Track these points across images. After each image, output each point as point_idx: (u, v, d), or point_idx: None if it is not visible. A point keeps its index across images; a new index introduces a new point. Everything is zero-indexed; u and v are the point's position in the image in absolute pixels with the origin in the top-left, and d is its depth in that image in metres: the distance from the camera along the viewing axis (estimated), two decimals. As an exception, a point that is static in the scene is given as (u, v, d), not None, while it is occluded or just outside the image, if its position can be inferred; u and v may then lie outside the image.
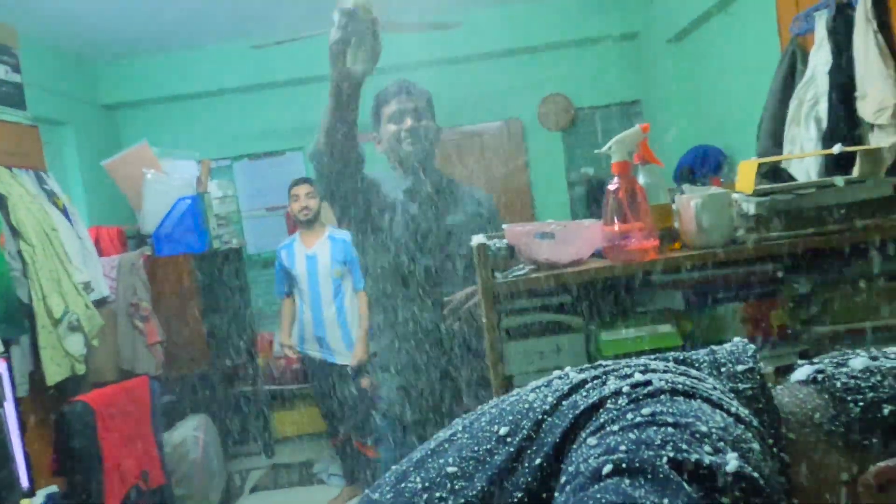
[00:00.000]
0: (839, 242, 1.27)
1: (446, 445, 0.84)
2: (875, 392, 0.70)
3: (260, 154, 5.30)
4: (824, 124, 2.02)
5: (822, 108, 2.03)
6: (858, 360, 0.75)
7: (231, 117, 5.14)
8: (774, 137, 2.25)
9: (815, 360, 0.79)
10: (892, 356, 0.74)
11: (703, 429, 0.61)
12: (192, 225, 3.60)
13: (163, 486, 2.91)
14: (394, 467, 0.86)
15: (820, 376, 0.75)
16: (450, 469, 0.76)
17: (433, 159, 1.98)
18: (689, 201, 1.29)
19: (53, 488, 2.45)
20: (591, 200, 5.37)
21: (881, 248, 1.24)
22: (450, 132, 5.34)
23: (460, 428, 0.85)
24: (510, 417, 0.76)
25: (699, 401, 0.66)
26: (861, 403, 0.70)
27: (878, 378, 0.71)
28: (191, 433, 3.31)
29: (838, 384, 0.73)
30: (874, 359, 0.74)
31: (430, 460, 0.84)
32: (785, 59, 2.29)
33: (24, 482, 2.29)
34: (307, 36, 4.28)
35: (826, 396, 0.73)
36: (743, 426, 0.65)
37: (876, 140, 1.86)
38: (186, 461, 3.22)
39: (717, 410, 0.66)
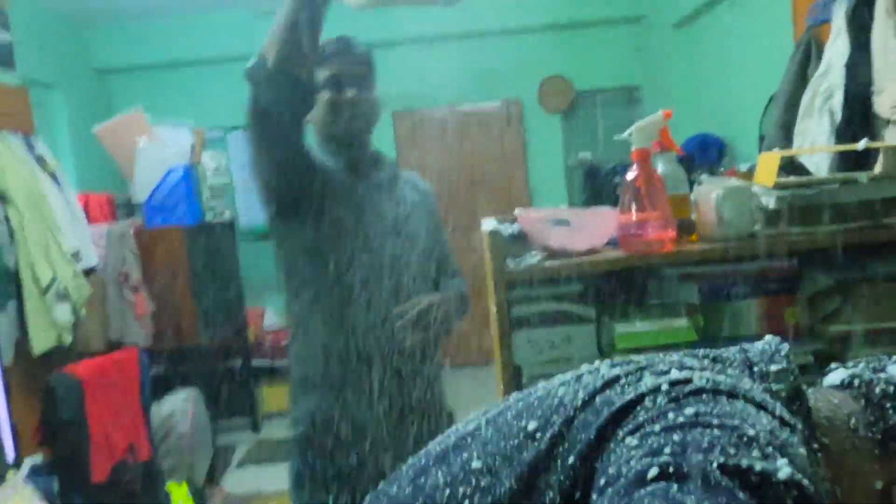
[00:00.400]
0: (860, 240, 1.24)
1: (469, 440, 0.80)
2: None
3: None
4: (838, 117, 1.99)
5: (837, 101, 1.99)
6: (894, 367, 0.73)
7: (228, 87, 4.99)
8: (785, 129, 2.21)
9: (850, 364, 0.77)
10: None
11: (751, 432, 0.58)
12: (185, 196, 3.54)
13: (149, 459, 2.88)
14: (410, 461, 0.83)
15: (857, 381, 0.73)
16: (474, 464, 0.72)
17: (370, 137, 1.66)
18: (710, 192, 1.25)
19: (38, 458, 2.41)
20: (588, 185, 5.33)
21: (904, 247, 1.22)
22: (448, 110, 5.28)
23: (483, 422, 0.80)
24: (539, 412, 0.72)
25: (742, 401, 0.63)
26: None
27: None
28: (179, 406, 3.28)
29: (877, 390, 0.71)
30: None
31: (452, 454, 0.79)
32: (799, 50, 2.24)
33: (10, 453, 2.25)
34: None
35: (863, 402, 0.71)
36: (788, 429, 0.62)
37: (891, 136, 1.83)
38: (174, 434, 3.19)
39: (762, 412, 0.63)
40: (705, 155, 4.13)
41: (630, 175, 1.26)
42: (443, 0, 3.83)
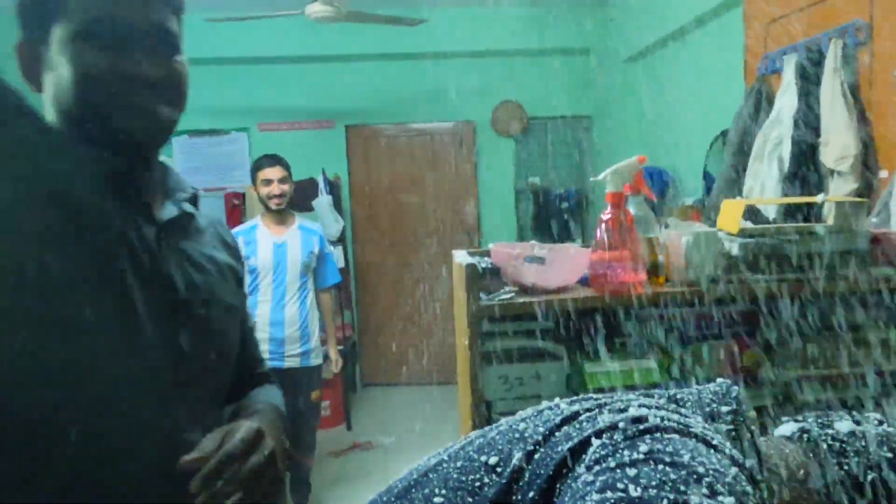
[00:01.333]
0: (816, 289, 1.30)
1: (431, 475, 0.82)
2: (859, 457, 0.72)
3: (202, 131, 5.08)
4: (786, 165, 2.09)
5: (786, 149, 2.10)
6: (844, 424, 0.77)
7: (175, 90, 4.89)
8: (736, 170, 2.31)
9: (800, 417, 0.81)
10: (874, 422, 0.76)
11: (701, 470, 0.61)
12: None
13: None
14: (373, 497, 0.83)
15: (805, 435, 0.77)
16: (436, 500, 0.73)
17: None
18: (680, 237, 1.29)
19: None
20: (537, 209, 5.43)
21: (857, 298, 1.28)
22: (402, 127, 5.28)
23: (445, 457, 0.82)
24: (500, 447, 0.74)
25: (695, 440, 0.66)
26: (846, 467, 0.72)
27: (863, 443, 0.73)
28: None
29: (824, 445, 0.75)
30: (858, 423, 0.77)
31: (414, 490, 0.81)
32: (751, 96, 2.35)
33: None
34: (263, 16, 4.11)
35: (811, 456, 0.75)
36: (737, 468, 0.65)
37: (835, 186, 1.94)
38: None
39: (713, 451, 0.65)
40: (651, 188, 4.27)
41: (604, 216, 1.29)
42: (408, 19, 3.81)
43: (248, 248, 3.00)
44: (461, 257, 1.36)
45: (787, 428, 0.79)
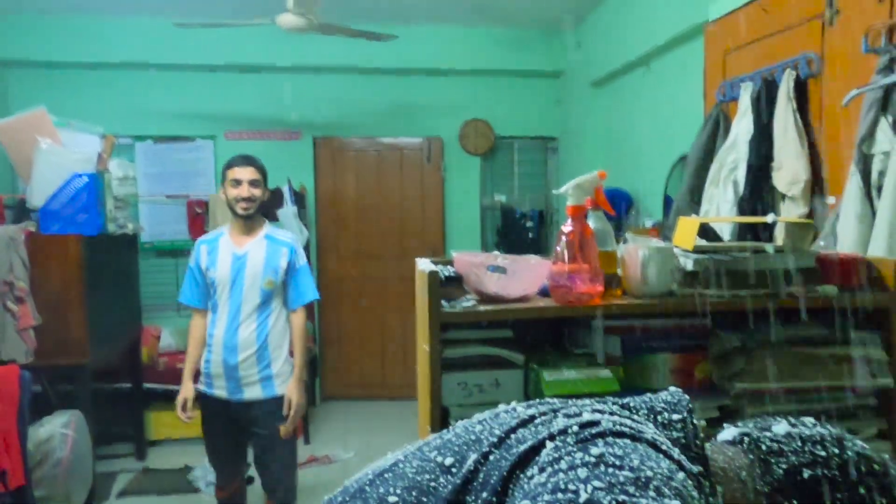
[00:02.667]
0: (765, 305, 1.35)
1: (386, 475, 0.83)
2: (796, 456, 0.76)
3: (167, 137, 5.01)
4: (741, 188, 2.17)
5: (741, 174, 2.18)
6: (781, 426, 0.81)
7: (140, 94, 4.83)
8: (693, 193, 2.38)
9: (740, 423, 0.85)
10: (809, 425, 0.80)
11: (649, 473, 0.63)
12: (87, 204, 3.33)
13: (22, 486, 2.63)
14: (327, 497, 0.84)
15: (746, 438, 0.80)
16: (391, 499, 0.74)
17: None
18: (637, 251, 1.33)
19: None
20: (501, 227, 5.48)
21: (804, 315, 1.34)
22: (370, 141, 5.29)
23: (402, 457, 0.84)
24: (456, 448, 0.76)
25: (645, 445, 0.68)
26: (784, 466, 0.76)
27: (799, 444, 0.77)
28: (59, 430, 3.03)
29: (763, 447, 0.78)
30: (794, 426, 0.80)
31: (368, 489, 0.82)
32: (709, 122, 2.43)
33: None
34: (234, 24, 4.10)
35: (752, 457, 0.78)
36: (684, 474, 0.67)
37: (787, 209, 2.02)
38: (50, 460, 2.93)
39: (662, 456, 0.68)
40: (614, 208, 4.35)
41: (565, 228, 1.32)
42: (380, 34, 3.84)
43: (209, 259, 2.72)
44: (424, 265, 1.38)
45: (729, 433, 0.83)
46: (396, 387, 5.21)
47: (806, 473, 0.74)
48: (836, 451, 0.75)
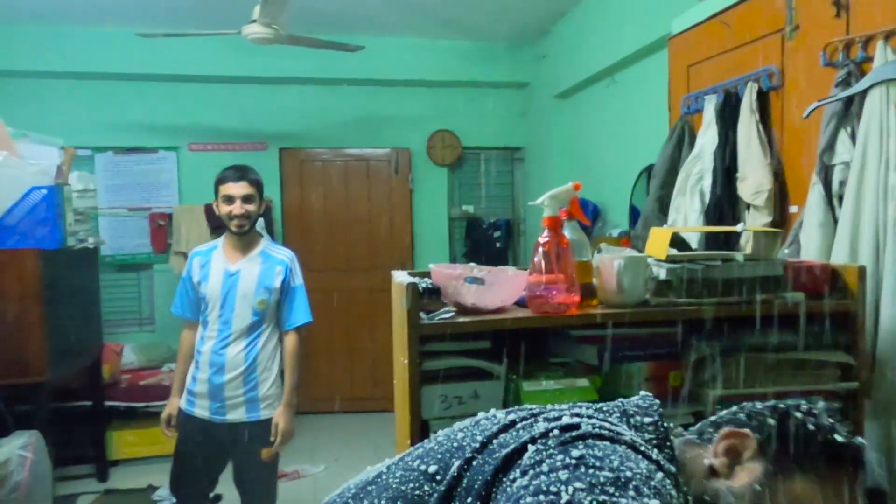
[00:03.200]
0: (736, 313, 1.38)
1: (370, 487, 0.83)
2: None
3: (127, 149, 4.91)
4: (707, 198, 2.21)
5: (707, 184, 2.23)
6: (726, 411, 0.88)
7: (101, 104, 4.73)
8: (661, 203, 2.43)
9: (697, 424, 0.90)
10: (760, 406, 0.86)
11: (629, 474, 0.64)
12: (46, 218, 3.23)
13: (-23, 513, 2.53)
14: None
15: (704, 435, 0.86)
16: None
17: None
18: (612, 261, 1.35)
19: None
20: (470, 237, 5.50)
21: (773, 321, 1.37)
22: (336, 152, 5.27)
23: (384, 469, 0.85)
24: (438, 456, 0.77)
25: (624, 446, 0.70)
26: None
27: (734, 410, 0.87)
28: (16, 452, 2.91)
29: (706, 426, 0.87)
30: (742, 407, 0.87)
31: (352, 503, 0.83)
32: (674, 134, 2.49)
33: None
34: (198, 34, 4.04)
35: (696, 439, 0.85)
36: (662, 473, 0.70)
37: (752, 219, 2.07)
38: (9, 484, 2.82)
39: (641, 457, 0.70)
40: (580, 218, 4.40)
41: (541, 239, 1.33)
42: (346, 45, 3.83)
43: (201, 273, 2.61)
44: (401, 277, 1.37)
45: (699, 427, 0.88)
46: (366, 400, 5.16)
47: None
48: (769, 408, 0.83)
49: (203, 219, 4.54)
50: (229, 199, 2.53)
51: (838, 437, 0.78)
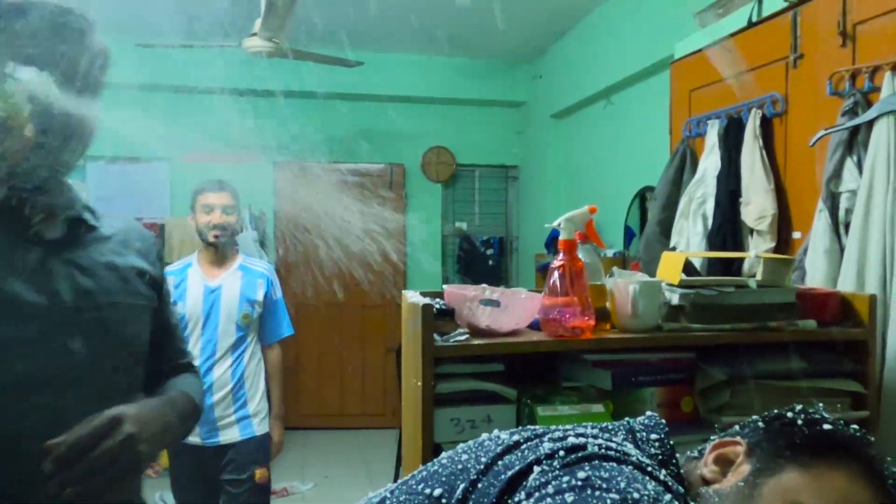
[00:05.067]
0: (749, 339, 1.38)
1: None
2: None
3: (120, 158, 4.86)
4: (710, 222, 2.22)
5: (709, 208, 2.24)
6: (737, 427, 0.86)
7: (103, 114, 4.68)
8: (663, 226, 2.43)
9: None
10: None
11: (636, 496, 0.63)
12: None
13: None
14: None
15: (700, 453, 0.85)
16: None
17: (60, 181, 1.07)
18: (627, 286, 1.34)
19: None
20: (463, 254, 5.50)
21: (785, 348, 1.37)
22: (331, 166, 5.25)
23: (387, 494, 0.83)
24: (443, 479, 0.76)
25: (631, 467, 0.69)
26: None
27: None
28: None
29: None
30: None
31: None
32: (676, 157, 2.50)
33: None
34: (199, 46, 4.03)
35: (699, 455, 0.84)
36: (671, 495, 0.68)
37: (755, 244, 2.08)
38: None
39: (648, 477, 0.69)
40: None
41: (556, 262, 1.32)
42: (346, 61, 3.82)
43: (176, 292, 2.44)
44: (414, 297, 1.36)
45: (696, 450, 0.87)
46: (355, 416, 5.11)
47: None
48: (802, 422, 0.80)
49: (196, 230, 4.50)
50: (209, 209, 2.47)
51: (826, 427, 0.76)
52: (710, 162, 2.28)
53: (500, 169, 5.62)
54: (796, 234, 2.03)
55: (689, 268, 1.66)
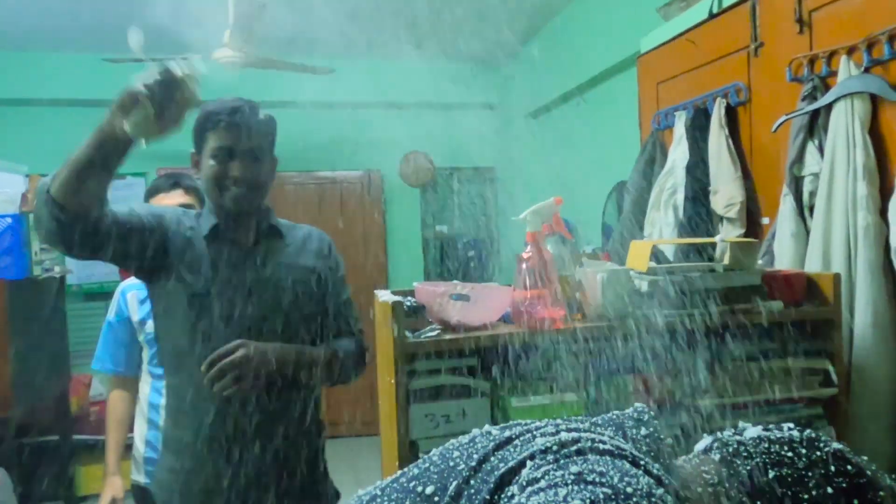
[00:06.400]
0: (718, 322, 1.39)
1: None
2: (762, 457, 0.77)
3: (94, 175, 4.82)
4: (681, 212, 2.25)
5: (680, 198, 2.26)
6: (752, 430, 0.83)
7: (67, 131, 4.60)
8: (636, 217, 2.45)
9: (718, 433, 0.86)
10: (784, 429, 0.82)
11: (629, 490, 0.64)
12: (11, 247, 3.15)
13: (-61, 557, 2.42)
14: None
15: (716, 444, 0.82)
16: None
17: (262, 201, 1.60)
18: (595, 275, 1.36)
19: None
20: (444, 258, 5.50)
21: (754, 330, 1.39)
22: (309, 175, 5.24)
23: (378, 492, 0.82)
24: (435, 476, 0.75)
25: (622, 461, 0.69)
26: (749, 467, 0.76)
27: (766, 445, 0.78)
28: (-19, 491, 2.81)
29: (731, 450, 0.80)
30: (766, 430, 0.82)
31: None
32: (646, 150, 2.53)
33: None
34: (167, 58, 4.00)
35: (718, 459, 0.80)
36: (662, 488, 0.69)
37: (725, 231, 2.10)
38: (-28, 526, 2.71)
39: (640, 471, 0.69)
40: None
41: (525, 255, 1.33)
42: (317, 68, 3.84)
43: (141, 310, 2.14)
44: (385, 296, 1.36)
45: (704, 442, 0.84)
46: (343, 424, 5.09)
47: (771, 473, 0.74)
48: (805, 451, 0.76)
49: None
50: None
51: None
52: (678, 153, 2.31)
53: (477, 171, 5.64)
54: (765, 220, 2.06)
55: (659, 257, 1.67)
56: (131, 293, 2.18)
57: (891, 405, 1.51)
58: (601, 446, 0.71)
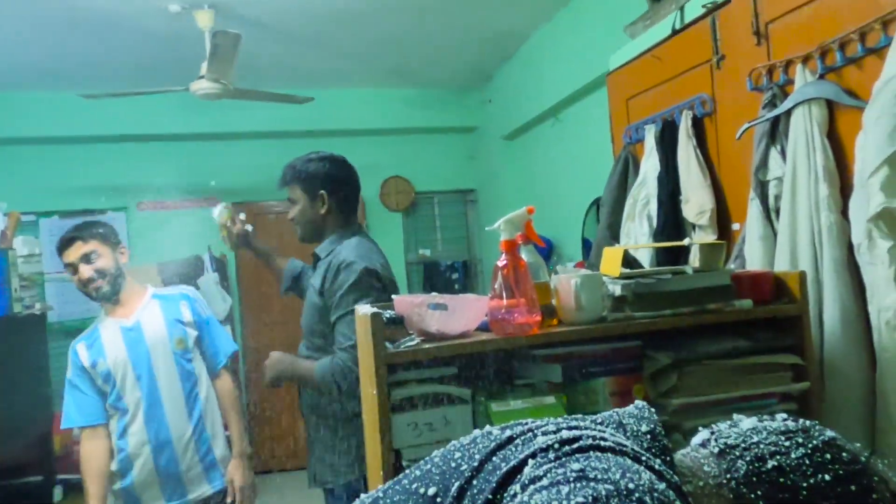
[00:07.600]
0: (689, 323, 1.43)
1: None
2: (758, 448, 0.77)
3: (74, 212, 4.81)
4: (655, 221, 2.30)
5: (653, 208, 2.31)
6: (747, 422, 0.83)
7: (46, 168, 4.66)
8: (612, 229, 2.50)
9: (714, 426, 0.86)
10: (779, 419, 0.82)
11: (631, 486, 0.64)
12: (-9, 284, 3.13)
13: None
14: None
15: (713, 437, 0.82)
16: None
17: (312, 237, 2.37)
18: (569, 280, 1.39)
19: None
20: (428, 281, 5.52)
21: (725, 329, 1.42)
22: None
23: (380, 494, 0.82)
24: (437, 478, 0.75)
25: (625, 457, 0.69)
26: (747, 458, 0.76)
27: (763, 435, 0.78)
28: (-38, 534, 2.75)
29: (728, 442, 0.80)
30: (761, 421, 0.83)
31: None
32: (619, 163, 2.59)
33: None
34: (144, 92, 4.05)
35: (717, 452, 0.80)
36: (665, 483, 0.69)
37: (697, 238, 2.15)
38: (-46, 570, 2.65)
39: (642, 467, 0.69)
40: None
41: (500, 263, 1.36)
42: (295, 97, 3.92)
43: (92, 353, 2.21)
44: (364, 309, 1.38)
45: (701, 436, 0.84)
46: (273, 459, 5.04)
47: (769, 464, 0.75)
48: (801, 440, 0.76)
49: (157, 278, 4.46)
50: (72, 268, 2.22)
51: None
52: (649, 164, 2.37)
53: (458, 194, 5.70)
54: (735, 226, 2.11)
55: (632, 263, 1.71)
56: (80, 345, 2.31)
57: (862, 396, 1.55)
58: (602, 443, 0.71)
